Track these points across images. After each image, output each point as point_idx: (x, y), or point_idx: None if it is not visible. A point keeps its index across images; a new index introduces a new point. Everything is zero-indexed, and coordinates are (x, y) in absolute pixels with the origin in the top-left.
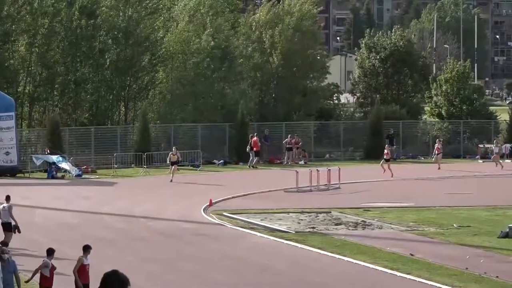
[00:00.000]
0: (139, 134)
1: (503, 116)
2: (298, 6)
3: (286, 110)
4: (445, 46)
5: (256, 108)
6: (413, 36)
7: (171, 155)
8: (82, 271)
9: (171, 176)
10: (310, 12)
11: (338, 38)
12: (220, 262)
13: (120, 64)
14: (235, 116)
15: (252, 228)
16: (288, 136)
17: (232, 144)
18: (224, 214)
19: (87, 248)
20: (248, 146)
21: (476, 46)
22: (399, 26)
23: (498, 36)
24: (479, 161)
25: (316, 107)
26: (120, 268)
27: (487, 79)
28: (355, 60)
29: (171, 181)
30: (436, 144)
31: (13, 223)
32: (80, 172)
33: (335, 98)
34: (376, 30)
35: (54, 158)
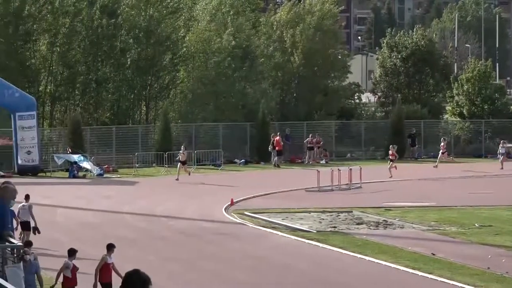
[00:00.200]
0: (160, 133)
1: None
2: (319, 5)
3: (307, 110)
4: (466, 45)
5: (277, 108)
6: (434, 35)
7: (180, 154)
8: (105, 270)
9: (188, 173)
10: (331, 12)
11: (359, 38)
12: (242, 261)
13: (141, 63)
14: (256, 115)
15: (274, 228)
16: (309, 136)
17: (253, 144)
18: (246, 213)
19: (110, 247)
20: (271, 146)
21: (497, 46)
22: (420, 26)
23: None
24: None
25: (337, 107)
26: (142, 267)
27: (508, 78)
28: (376, 59)
29: (191, 175)
30: (441, 143)
31: (32, 223)
32: (101, 171)
33: (356, 98)
34: (397, 30)
35: (76, 157)
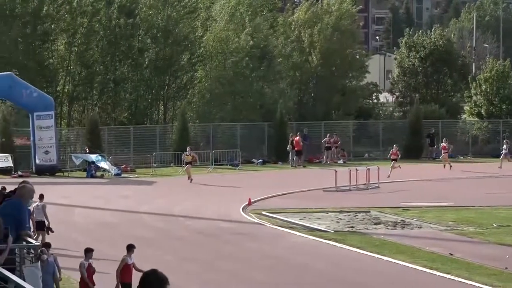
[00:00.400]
0: (178, 133)
1: None
2: (337, 5)
3: (325, 110)
4: (484, 45)
5: (295, 108)
6: (452, 35)
7: (185, 155)
8: (126, 271)
9: (189, 175)
10: (349, 11)
11: (377, 37)
12: (259, 261)
13: (159, 63)
14: (274, 115)
15: (291, 228)
16: (327, 136)
17: (271, 144)
18: (263, 213)
19: (130, 248)
20: (290, 145)
21: None
22: (438, 25)
23: None
24: None
25: (355, 107)
26: (159, 267)
27: None
28: (394, 59)
29: (190, 180)
30: (442, 143)
31: (46, 223)
32: (119, 171)
33: (374, 98)
34: (415, 29)
35: (93, 157)
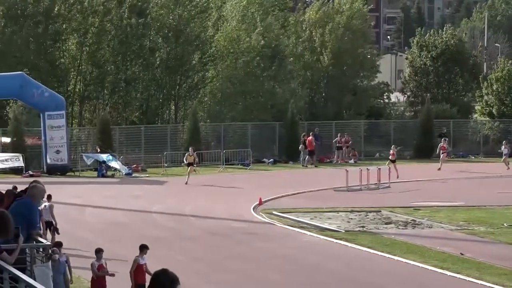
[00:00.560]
0: (189, 133)
1: None
2: (348, 4)
3: (336, 109)
4: (496, 45)
5: (306, 107)
6: (464, 35)
7: (187, 155)
8: (139, 271)
9: (187, 178)
10: (360, 11)
11: (389, 37)
12: (271, 261)
13: (170, 63)
14: (285, 115)
15: (302, 227)
16: (338, 135)
17: (282, 143)
18: (274, 213)
19: (143, 248)
20: (302, 145)
21: None
22: (450, 25)
23: None
24: None
25: (366, 106)
26: (170, 267)
27: None
28: (406, 58)
29: (186, 183)
30: (441, 143)
31: (54, 223)
32: (130, 170)
33: (385, 97)
34: (426, 29)
35: (104, 156)
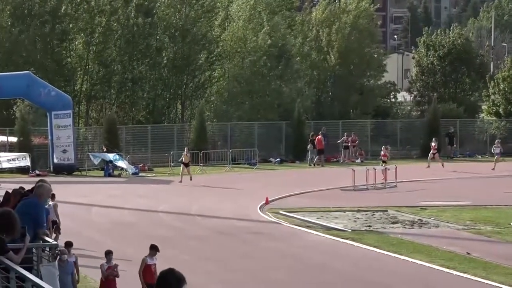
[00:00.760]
0: (195, 132)
1: None
2: (355, 4)
3: (343, 109)
4: (503, 44)
5: (312, 107)
6: (470, 34)
7: (184, 155)
8: (147, 271)
9: (182, 177)
10: (367, 10)
11: (395, 36)
12: (277, 260)
13: (177, 62)
14: (291, 114)
15: (308, 227)
16: (345, 135)
17: (289, 143)
18: (280, 212)
19: (152, 248)
20: (310, 144)
21: None
22: (457, 24)
23: None
24: None
25: (373, 106)
26: (177, 266)
27: None
28: (413, 58)
29: (180, 181)
30: (432, 143)
31: (57, 222)
32: (136, 170)
33: (392, 97)
34: (433, 29)
35: (111, 156)
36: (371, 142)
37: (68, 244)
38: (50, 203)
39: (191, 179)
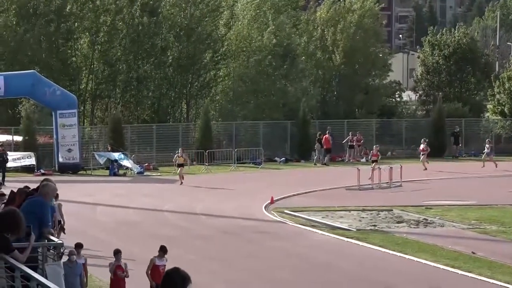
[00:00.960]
0: (200, 131)
1: None
2: (359, 3)
3: (348, 108)
4: (508, 43)
5: (317, 106)
6: (476, 33)
7: (177, 157)
8: (155, 272)
9: (180, 179)
10: (372, 10)
11: (401, 36)
12: (282, 260)
13: (182, 61)
14: (296, 113)
15: (314, 226)
16: (350, 134)
17: (294, 142)
18: (285, 211)
19: (161, 249)
20: (318, 144)
21: None
22: (462, 24)
23: None
24: None
25: (378, 105)
26: (182, 266)
27: None
28: (418, 57)
29: (181, 183)
30: (422, 145)
31: (62, 222)
32: (141, 169)
33: (397, 96)
34: (438, 28)
35: (116, 155)
36: (376, 141)
37: (78, 246)
38: (55, 202)
39: (181, 183)
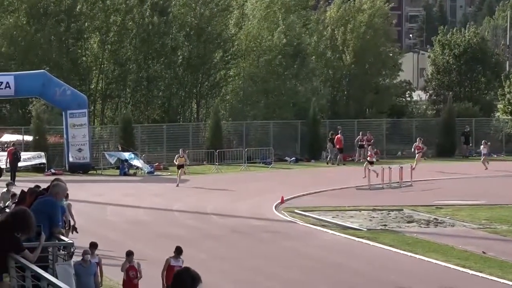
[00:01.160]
0: (211, 131)
1: None
2: (369, 3)
3: (358, 108)
4: None
5: (328, 106)
6: (486, 33)
7: (177, 157)
8: (171, 273)
9: (178, 179)
10: (382, 9)
11: (411, 35)
12: (293, 259)
13: (192, 61)
14: (307, 113)
15: (324, 226)
16: (360, 134)
17: (304, 142)
18: (296, 211)
19: (176, 250)
20: (330, 143)
21: None
22: (472, 23)
23: None
24: None
25: (388, 105)
26: (192, 265)
27: None
28: (428, 57)
29: (177, 185)
30: (416, 142)
31: (71, 222)
32: (152, 169)
33: (407, 96)
34: (449, 27)
35: (126, 155)
36: (387, 141)
37: (93, 246)
38: (65, 202)
39: (177, 185)
